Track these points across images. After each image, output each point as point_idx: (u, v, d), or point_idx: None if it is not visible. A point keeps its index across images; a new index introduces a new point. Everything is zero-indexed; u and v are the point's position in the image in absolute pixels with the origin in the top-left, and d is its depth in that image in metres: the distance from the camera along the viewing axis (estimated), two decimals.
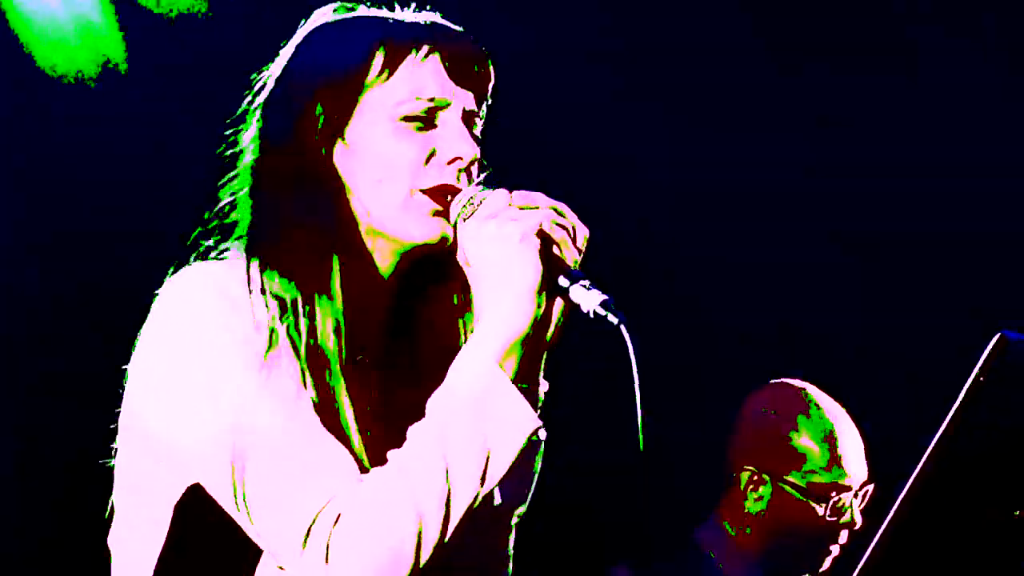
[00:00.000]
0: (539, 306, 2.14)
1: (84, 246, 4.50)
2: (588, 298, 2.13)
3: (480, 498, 2.11)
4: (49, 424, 4.48)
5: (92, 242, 4.47)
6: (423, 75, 2.28)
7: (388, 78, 2.27)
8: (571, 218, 2.21)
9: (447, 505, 2.08)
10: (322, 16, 2.37)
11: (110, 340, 2.42)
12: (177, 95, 4.41)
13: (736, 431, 3.85)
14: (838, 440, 3.74)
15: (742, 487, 3.79)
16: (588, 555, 4.27)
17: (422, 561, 2.08)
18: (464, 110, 2.31)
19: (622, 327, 2.11)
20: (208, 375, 2.13)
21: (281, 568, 2.16)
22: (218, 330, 2.15)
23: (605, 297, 2.13)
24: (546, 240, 2.16)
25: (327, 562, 2.06)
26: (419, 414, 2.15)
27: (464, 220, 2.22)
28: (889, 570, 2.06)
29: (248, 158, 2.32)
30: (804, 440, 3.74)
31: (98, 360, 2.59)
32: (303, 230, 2.24)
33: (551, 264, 2.15)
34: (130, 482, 2.29)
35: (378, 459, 2.15)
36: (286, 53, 2.36)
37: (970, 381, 2.02)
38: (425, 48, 2.29)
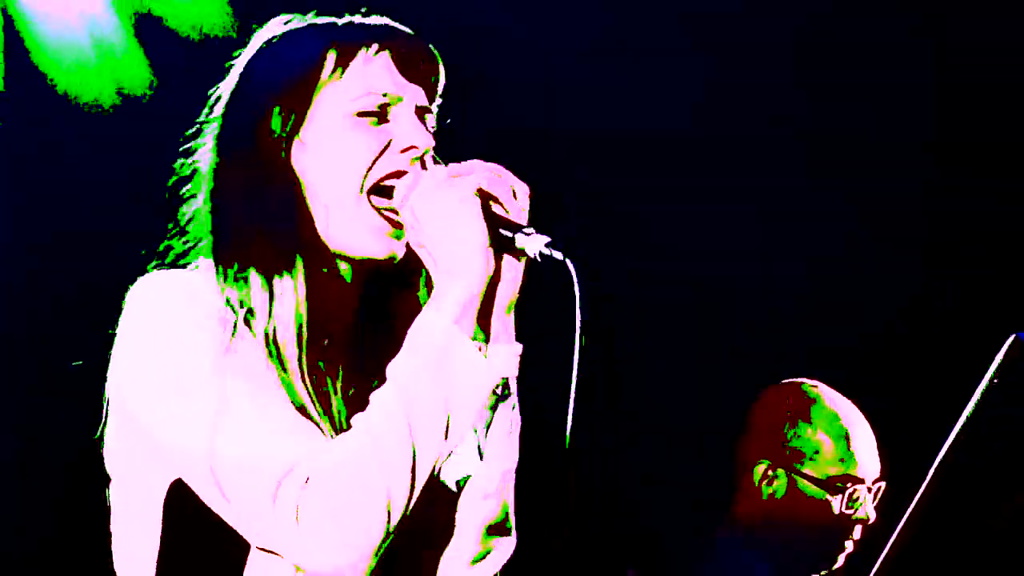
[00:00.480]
0: (489, 263, 2.21)
1: (84, 246, 4.50)
2: (532, 242, 2.21)
3: (446, 453, 2.19)
4: (49, 424, 4.48)
5: (92, 242, 4.47)
6: (375, 71, 2.36)
7: (341, 76, 2.35)
8: (509, 178, 2.28)
9: (412, 460, 2.13)
10: (274, 27, 2.44)
11: (110, 340, 2.44)
12: (178, 95, 4.41)
13: (749, 428, 3.86)
14: (851, 434, 3.77)
15: (756, 481, 3.80)
16: (597, 558, 4.27)
17: (393, 519, 2.14)
18: (416, 106, 2.38)
19: (568, 263, 2.17)
20: (184, 374, 2.20)
21: (262, 549, 2.20)
22: (192, 331, 2.22)
23: (547, 239, 2.20)
24: (487, 199, 2.24)
25: (298, 522, 2.11)
26: None
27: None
28: (905, 570, 2.06)
29: (205, 167, 2.39)
30: (819, 434, 3.77)
31: (98, 360, 2.60)
32: (260, 235, 2.31)
33: (494, 221, 2.23)
34: (122, 479, 2.34)
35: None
36: (240, 64, 2.42)
37: (984, 383, 2.03)
38: (375, 46, 2.37)
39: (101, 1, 4.55)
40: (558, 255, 2.18)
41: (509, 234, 2.23)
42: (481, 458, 2.33)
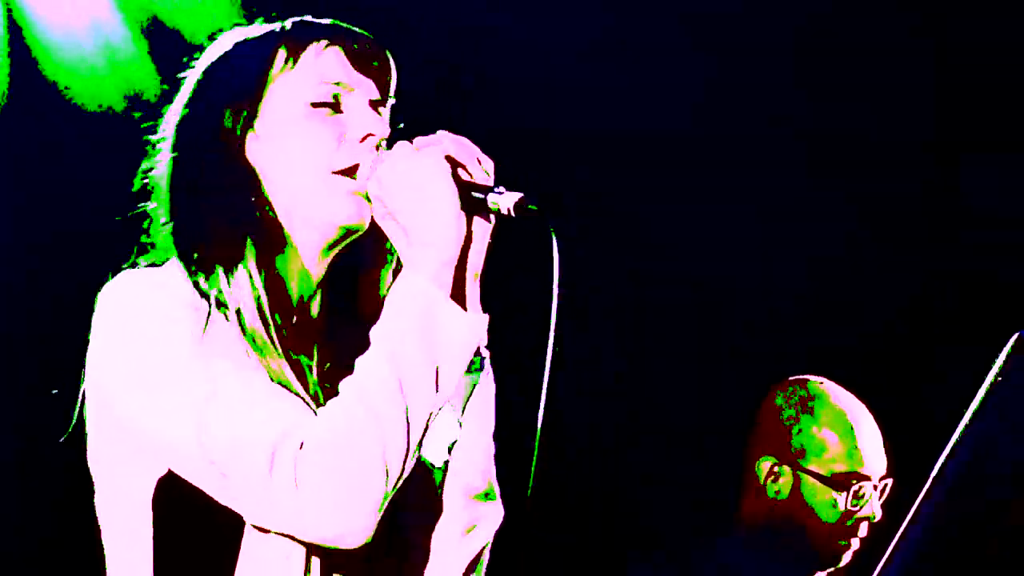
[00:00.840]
0: (461, 227, 2.24)
1: (84, 246, 4.49)
2: (505, 200, 2.24)
3: (437, 412, 2.19)
4: (49, 424, 4.47)
5: (92, 242, 4.46)
6: (326, 63, 2.39)
7: (293, 67, 2.38)
8: (474, 149, 2.31)
9: (405, 417, 2.14)
10: (222, 39, 2.47)
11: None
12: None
13: (754, 425, 3.85)
14: (857, 431, 3.75)
15: (761, 478, 3.79)
16: (601, 562, 4.27)
17: (392, 479, 2.14)
18: (370, 100, 2.40)
19: (545, 215, 2.20)
20: (165, 363, 2.21)
21: (259, 529, 2.21)
22: (167, 321, 2.23)
23: (521, 194, 2.23)
24: (455, 165, 2.27)
25: (296, 486, 2.11)
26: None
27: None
28: (909, 569, 2.06)
29: (163, 178, 2.41)
30: (824, 431, 3.75)
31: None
32: (217, 228, 2.33)
33: (464, 185, 2.25)
34: (110, 482, 2.34)
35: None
36: (191, 78, 2.45)
37: (988, 381, 2.03)
38: (325, 41, 2.40)
39: (106, 2, 4.55)
40: (533, 207, 2.22)
41: (481, 195, 2.25)
42: (460, 427, 2.36)
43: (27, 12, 4.51)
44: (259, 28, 2.44)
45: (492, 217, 2.29)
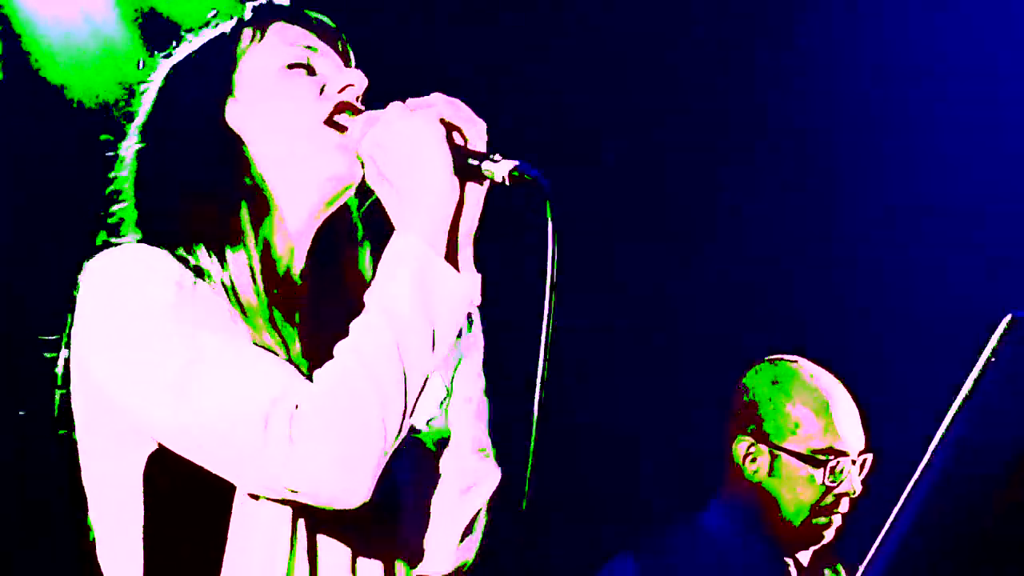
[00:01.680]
0: (455, 188, 2.24)
1: (84, 246, 4.49)
2: (500, 168, 2.24)
3: (433, 368, 2.20)
4: (49, 424, 4.47)
5: (92, 242, 4.46)
6: (293, 32, 2.44)
7: (261, 39, 2.42)
8: (468, 111, 2.31)
9: (403, 376, 2.15)
10: (181, 50, 2.48)
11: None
12: None
13: (732, 407, 3.88)
14: (832, 407, 3.78)
15: (740, 458, 3.80)
16: (586, 544, 4.27)
17: (389, 438, 2.14)
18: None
19: (540, 181, 2.20)
20: (148, 336, 2.19)
21: (254, 496, 2.21)
22: (150, 295, 2.21)
23: (516, 162, 2.22)
24: (450, 128, 2.27)
25: (292, 443, 2.10)
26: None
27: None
28: (902, 554, 2.06)
29: (129, 167, 2.41)
30: (799, 408, 3.78)
31: None
32: (202, 205, 2.34)
33: (458, 150, 2.25)
34: (97, 455, 2.33)
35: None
36: (155, 85, 2.45)
37: (981, 362, 2.03)
38: (285, 20, 2.45)
39: None
40: (529, 176, 2.21)
41: (476, 162, 2.24)
42: (451, 387, 2.38)
43: (22, 7, 4.51)
44: (215, 30, 2.47)
45: (486, 181, 2.29)
